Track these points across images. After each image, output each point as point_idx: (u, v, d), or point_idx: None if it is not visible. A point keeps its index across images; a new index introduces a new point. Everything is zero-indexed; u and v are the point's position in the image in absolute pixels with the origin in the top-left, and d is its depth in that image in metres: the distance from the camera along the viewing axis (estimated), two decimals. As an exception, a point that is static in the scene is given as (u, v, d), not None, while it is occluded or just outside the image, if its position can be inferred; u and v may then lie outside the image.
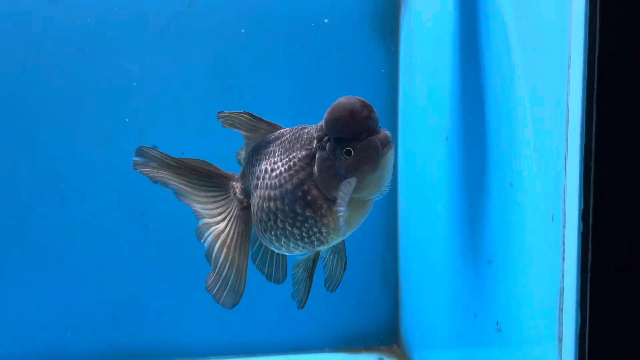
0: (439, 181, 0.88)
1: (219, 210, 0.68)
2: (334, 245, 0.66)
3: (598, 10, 0.50)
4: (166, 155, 0.67)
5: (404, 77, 1.11)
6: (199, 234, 0.68)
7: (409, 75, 1.08)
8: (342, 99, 0.56)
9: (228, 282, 0.66)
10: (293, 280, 0.68)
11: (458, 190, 0.81)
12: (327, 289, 0.69)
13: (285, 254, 0.66)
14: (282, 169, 0.60)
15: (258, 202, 0.61)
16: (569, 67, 0.54)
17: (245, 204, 0.66)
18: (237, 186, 0.67)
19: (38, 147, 1.08)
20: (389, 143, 0.56)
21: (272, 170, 0.61)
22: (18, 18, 1.06)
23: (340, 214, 0.56)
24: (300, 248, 0.62)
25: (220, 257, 0.66)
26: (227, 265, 0.66)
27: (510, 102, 0.68)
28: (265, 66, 1.14)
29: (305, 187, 0.59)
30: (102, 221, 1.11)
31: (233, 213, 0.67)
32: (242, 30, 1.10)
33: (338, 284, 0.69)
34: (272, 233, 0.61)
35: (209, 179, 0.68)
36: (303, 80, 1.14)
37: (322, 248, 0.63)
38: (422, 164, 0.97)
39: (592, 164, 0.52)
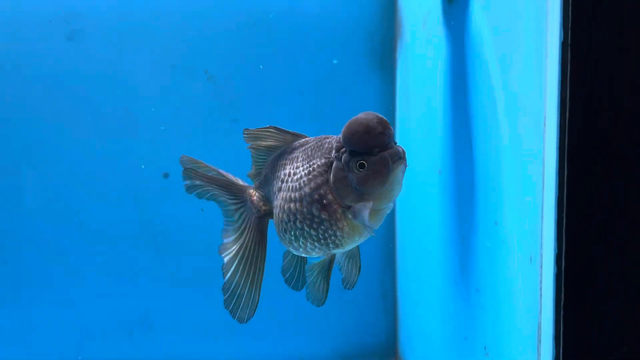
0: (433, 212, 0.95)
1: (239, 222, 0.72)
2: (348, 251, 0.71)
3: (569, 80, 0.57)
4: (199, 174, 0.75)
5: (400, 109, 1.18)
6: (221, 250, 0.73)
7: (405, 107, 1.15)
8: (361, 115, 0.61)
9: (243, 297, 0.71)
10: (307, 281, 0.74)
11: (450, 223, 0.88)
12: (345, 288, 0.76)
13: (303, 255, 0.71)
14: (303, 173, 0.65)
15: (280, 203, 0.66)
16: (545, 125, 0.61)
17: (263, 211, 0.71)
18: (254, 194, 0.72)
19: (59, 175, 1.16)
20: (400, 159, 0.61)
21: (294, 174, 0.66)
22: (37, 55, 1.13)
23: (354, 221, 0.62)
24: (317, 249, 0.66)
25: (237, 272, 0.71)
26: (243, 280, 0.70)
27: (495, 146, 0.74)
28: (270, 95, 1.21)
29: (322, 192, 0.63)
30: (118, 244, 1.18)
31: (250, 222, 0.71)
32: (261, 67, 1.17)
33: (354, 285, 0.75)
34: (292, 233, 0.66)
35: (228, 190, 0.73)
36: (305, 109, 1.21)
37: (338, 251, 0.68)
38: (418, 195, 1.04)
39: (564, 215, 0.58)
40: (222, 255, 0.73)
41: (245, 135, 0.70)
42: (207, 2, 1.15)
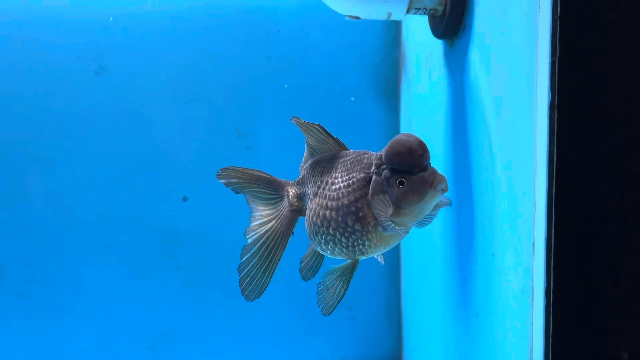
0: (435, 238, 1.02)
1: (271, 211, 0.77)
2: (343, 271, 0.75)
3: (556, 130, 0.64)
4: (238, 171, 0.78)
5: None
6: (247, 232, 0.77)
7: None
8: (403, 136, 0.67)
9: (255, 279, 0.75)
10: (319, 288, 0.76)
11: (451, 250, 0.95)
12: (323, 313, 0.76)
13: (329, 256, 0.75)
14: (342, 184, 0.70)
15: (316, 208, 0.71)
16: (535, 170, 0.68)
17: (295, 207, 0.76)
18: (291, 190, 0.77)
19: (87, 200, 1.24)
20: (442, 183, 0.66)
21: (333, 183, 0.71)
22: (67, 88, 1.21)
23: (384, 233, 0.68)
24: (343, 254, 0.71)
25: (256, 256, 0.75)
26: (260, 264, 0.75)
27: (491, 183, 0.81)
28: (282, 122, 1.29)
29: (359, 205, 0.68)
30: (141, 264, 1.26)
31: (282, 213, 0.76)
32: (286, 85, 1.25)
33: (332, 310, 0.76)
34: (322, 237, 0.71)
35: (268, 185, 0.78)
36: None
37: (361, 257, 0.73)
38: (420, 229, 1.11)
39: (552, 254, 0.65)
40: (247, 236, 0.76)
41: (294, 120, 0.73)
42: (224, 39, 1.22)
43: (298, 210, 0.76)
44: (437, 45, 1.00)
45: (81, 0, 1.18)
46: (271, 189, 0.78)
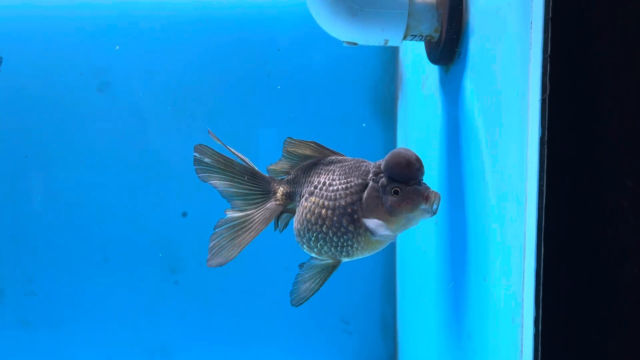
0: (430, 258, 1.04)
1: (254, 202, 0.79)
2: (324, 268, 0.78)
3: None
4: (220, 154, 0.81)
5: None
6: (228, 211, 0.80)
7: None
8: (402, 150, 0.73)
9: (224, 250, 0.78)
10: (296, 279, 0.79)
11: (445, 271, 0.97)
12: (292, 303, 0.80)
13: (313, 254, 0.78)
14: (340, 187, 0.74)
15: (311, 206, 0.74)
16: (525, 205, 0.70)
17: (281, 203, 0.78)
18: (279, 188, 0.79)
19: (87, 213, 1.25)
20: (437, 200, 0.72)
21: (330, 185, 0.75)
22: (70, 105, 1.23)
23: (372, 238, 0.72)
24: (330, 253, 0.75)
25: (230, 231, 0.78)
26: (232, 239, 0.78)
27: (484, 209, 0.83)
28: (282, 138, 1.31)
29: (355, 207, 0.72)
30: (140, 277, 1.28)
31: (265, 205, 0.79)
32: (279, 86, 1.27)
33: (302, 302, 0.80)
34: (314, 234, 0.74)
35: (254, 181, 0.80)
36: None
37: (345, 259, 0.77)
38: (416, 239, 1.13)
39: (541, 285, 0.67)
40: (227, 213, 0.80)
41: (287, 142, 0.77)
42: (225, 57, 1.24)
43: (283, 206, 0.78)
44: (433, 69, 1.02)
45: (84, 18, 1.20)
46: (257, 187, 0.79)
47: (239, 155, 0.82)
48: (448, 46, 0.90)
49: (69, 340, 1.27)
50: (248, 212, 0.79)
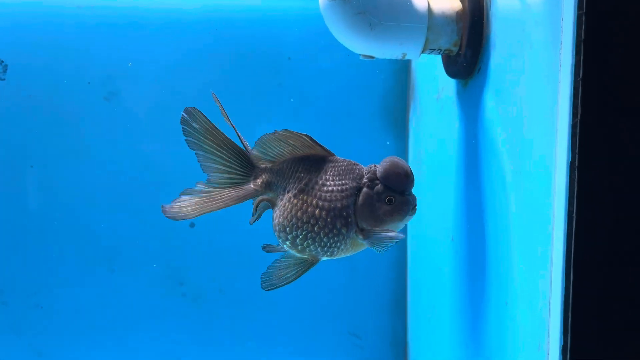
0: (446, 277, 1.02)
1: (229, 187, 0.77)
2: (302, 262, 0.76)
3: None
4: (210, 123, 0.79)
5: (412, 166, 1.25)
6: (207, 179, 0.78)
7: (417, 167, 1.22)
8: (398, 160, 0.74)
9: (184, 207, 0.79)
10: (272, 264, 0.78)
11: (463, 292, 0.95)
12: (263, 287, 0.79)
13: (294, 252, 0.76)
14: (335, 188, 0.73)
15: (302, 204, 0.73)
16: (553, 230, 0.68)
17: (258, 189, 0.76)
18: (261, 175, 0.76)
19: (94, 226, 1.23)
20: (415, 207, 0.75)
21: (324, 185, 0.74)
22: (77, 113, 1.20)
23: (361, 241, 0.73)
24: (313, 252, 0.74)
25: (200, 194, 0.77)
26: (198, 202, 0.77)
27: (506, 229, 0.81)
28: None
29: (350, 210, 0.73)
30: (146, 289, 1.25)
31: (241, 186, 0.76)
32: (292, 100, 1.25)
33: (274, 288, 0.78)
34: (302, 232, 0.73)
35: (238, 160, 0.77)
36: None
37: (327, 258, 0.76)
38: (430, 256, 1.11)
39: (570, 312, 0.65)
40: (198, 185, 0.79)
41: (280, 132, 0.76)
42: (235, 65, 1.22)
43: (260, 193, 0.76)
44: (450, 82, 1.00)
45: (92, 26, 1.18)
46: (238, 164, 0.77)
47: (236, 130, 0.80)
48: (467, 60, 0.88)
49: (74, 355, 1.25)
50: (220, 187, 0.78)
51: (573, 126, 0.63)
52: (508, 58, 0.79)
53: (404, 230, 1.29)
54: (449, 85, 1.01)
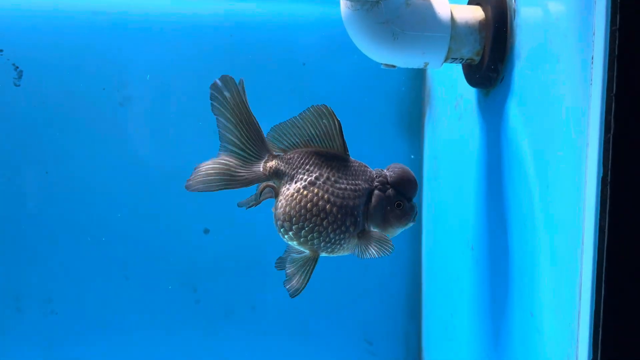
0: (465, 287, 1.02)
1: (239, 161, 0.77)
2: (305, 262, 0.77)
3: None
4: (241, 96, 0.78)
5: (428, 175, 1.25)
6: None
7: (433, 175, 1.22)
8: (407, 168, 0.77)
9: (205, 183, 0.78)
10: (286, 276, 0.78)
11: (484, 301, 0.95)
12: (290, 294, 0.79)
13: (295, 244, 0.76)
14: (349, 187, 0.75)
15: (312, 196, 0.74)
16: (582, 242, 0.68)
17: (265, 174, 0.76)
18: (271, 161, 0.76)
19: (109, 232, 1.22)
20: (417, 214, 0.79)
21: (337, 182, 0.75)
22: (93, 118, 1.20)
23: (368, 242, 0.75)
24: (317, 246, 0.75)
25: (210, 172, 0.77)
26: (212, 177, 0.77)
27: (532, 236, 0.81)
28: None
29: (360, 210, 0.75)
30: (161, 296, 1.25)
31: (251, 168, 0.76)
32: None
33: (298, 292, 0.78)
34: (309, 225, 0.74)
35: (255, 140, 0.77)
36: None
37: (327, 255, 0.77)
38: (448, 266, 1.11)
39: (601, 323, 0.65)
40: (221, 147, 0.78)
41: (320, 106, 0.77)
42: (249, 71, 1.21)
43: (266, 179, 0.76)
44: (469, 91, 1.00)
45: (107, 31, 1.17)
46: (254, 144, 0.77)
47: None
48: (490, 70, 0.88)
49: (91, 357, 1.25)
50: (231, 163, 0.77)
51: (605, 142, 0.63)
52: (533, 69, 0.79)
53: (418, 236, 1.29)
54: (469, 93, 1.01)
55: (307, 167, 0.76)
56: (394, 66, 0.91)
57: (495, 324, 0.91)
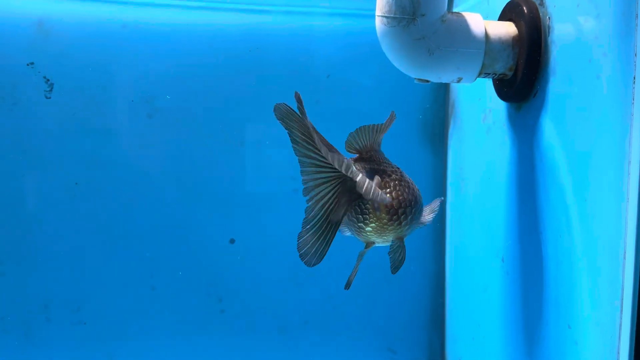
0: (494, 297, 1.03)
1: (327, 176, 0.79)
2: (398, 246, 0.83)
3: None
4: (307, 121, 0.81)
5: (453, 185, 1.26)
6: (305, 192, 0.79)
7: (458, 185, 1.23)
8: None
9: (317, 243, 0.77)
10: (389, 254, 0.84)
11: (516, 314, 0.96)
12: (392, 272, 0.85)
13: (393, 232, 0.79)
14: (414, 187, 0.83)
15: (412, 184, 0.82)
16: (624, 262, 0.69)
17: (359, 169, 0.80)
18: (355, 165, 0.82)
19: (135, 242, 1.23)
20: None
21: (404, 176, 0.83)
22: (123, 130, 1.21)
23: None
24: (397, 231, 0.79)
25: (317, 215, 0.77)
26: (320, 224, 0.77)
27: (570, 252, 0.82)
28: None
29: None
30: (186, 306, 1.26)
31: (339, 180, 0.78)
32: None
33: (397, 269, 0.84)
34: (408, 209, 0.79)
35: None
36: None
37: (382, 242, 0.82)
38: (476, 276, 1.12)
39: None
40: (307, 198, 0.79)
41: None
42: (274, 83, 1.23)
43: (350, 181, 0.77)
44: (498, 104, 1.01)
45: (134, 44, 1.19)
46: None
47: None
48: (523, 85, 0.89)
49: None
50: (326, 188, 0.78)
51: (650, 161, 0.65)
52: (570, 85, 0.81)
53: (442, 248, 1.30)
54: (498, 108, 1.02)
55: (383, 165, 0.83)
56: (427, 81, 0.93)
57: (527, 335, 0.92)
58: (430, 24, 0.86)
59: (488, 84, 1.06)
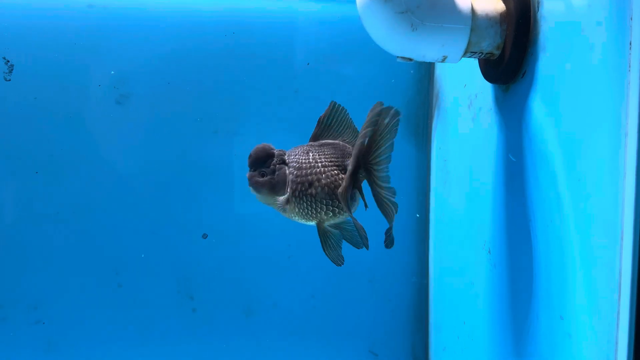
0: (480, 290, 0.98)
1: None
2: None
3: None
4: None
5: (437, 177, 1.21)
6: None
7: (443, 177, 1.18)
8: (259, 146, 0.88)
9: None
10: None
11: (503, 311, 0.90)
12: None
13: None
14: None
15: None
16: (622, 244, 0.64)
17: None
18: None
19: (100, 238, 1.16)
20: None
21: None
22: (90, 117, 1.14)
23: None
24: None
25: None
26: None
27: (562, 237, 0.77)
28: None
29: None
30: (156, 304, 1.18)
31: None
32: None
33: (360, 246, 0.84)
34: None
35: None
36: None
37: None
38: (460, 269, 1.07)
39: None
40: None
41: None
42: (251, 70, 1.17)
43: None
44: (485, 88, 0.97)
45: (102, 27, 1.12)
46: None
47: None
48: (511, 64, 0.85)
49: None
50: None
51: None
52: (561, 61, 0.76)
53: (425, 245, 1.25)
54: (485, 91, 0.98)
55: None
56: (410, 59, 0.88)
57: (517, 330, 0.86)
58: (414, -3, 0.81)
59: (475, 70, 1.01)
